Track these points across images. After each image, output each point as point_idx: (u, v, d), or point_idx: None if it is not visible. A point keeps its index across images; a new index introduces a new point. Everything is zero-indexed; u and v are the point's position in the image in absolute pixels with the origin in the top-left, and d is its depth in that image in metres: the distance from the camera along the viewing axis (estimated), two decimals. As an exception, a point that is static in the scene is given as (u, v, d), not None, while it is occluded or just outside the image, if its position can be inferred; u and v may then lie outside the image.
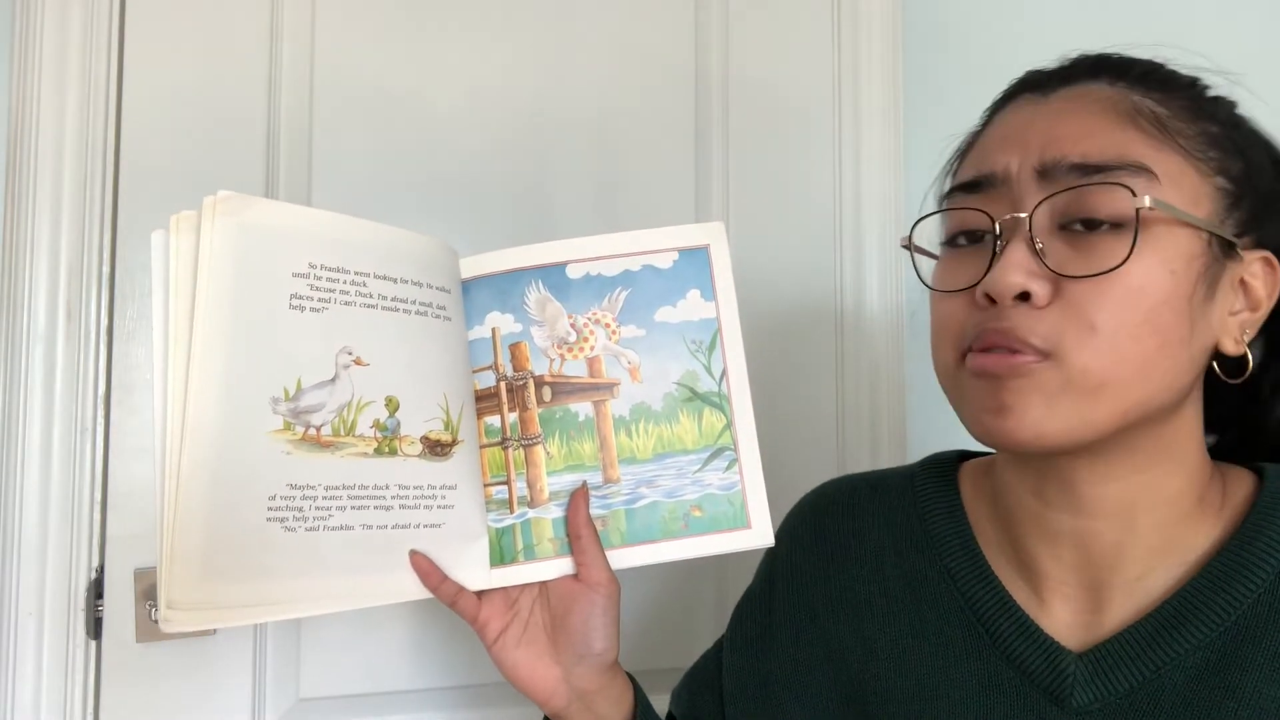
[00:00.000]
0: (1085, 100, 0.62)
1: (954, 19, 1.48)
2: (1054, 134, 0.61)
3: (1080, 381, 0.58)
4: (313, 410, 0.68)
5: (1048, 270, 0.59)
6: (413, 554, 0.72)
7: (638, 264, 0.78)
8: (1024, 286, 0.59)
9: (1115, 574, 0.64)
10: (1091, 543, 0.65)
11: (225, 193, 0.67)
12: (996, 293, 0.59)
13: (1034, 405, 0.58)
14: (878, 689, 0.71)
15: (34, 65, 1.13)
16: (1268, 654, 0.59)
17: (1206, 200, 0.60)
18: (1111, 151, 0.59)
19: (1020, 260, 0.59)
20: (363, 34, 1.23)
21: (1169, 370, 0.59)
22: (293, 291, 0.68)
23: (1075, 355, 0.58)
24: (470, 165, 1.26)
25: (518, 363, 0.77)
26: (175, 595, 0.63)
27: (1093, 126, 0.60)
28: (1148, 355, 0.58)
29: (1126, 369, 0.58)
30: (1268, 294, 0.63)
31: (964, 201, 0.65)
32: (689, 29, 1.36)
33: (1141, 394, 0.59)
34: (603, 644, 0.75)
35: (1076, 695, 0.63)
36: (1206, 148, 0.61)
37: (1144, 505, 0.63)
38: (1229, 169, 0.61)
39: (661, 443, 0.77)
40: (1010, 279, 0.59)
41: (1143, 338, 0.58)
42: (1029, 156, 0.61)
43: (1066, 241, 0.60)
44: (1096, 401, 0.58)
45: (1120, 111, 0.61)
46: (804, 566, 0.79)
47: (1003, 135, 0.65)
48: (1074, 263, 0.59)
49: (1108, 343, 0.57)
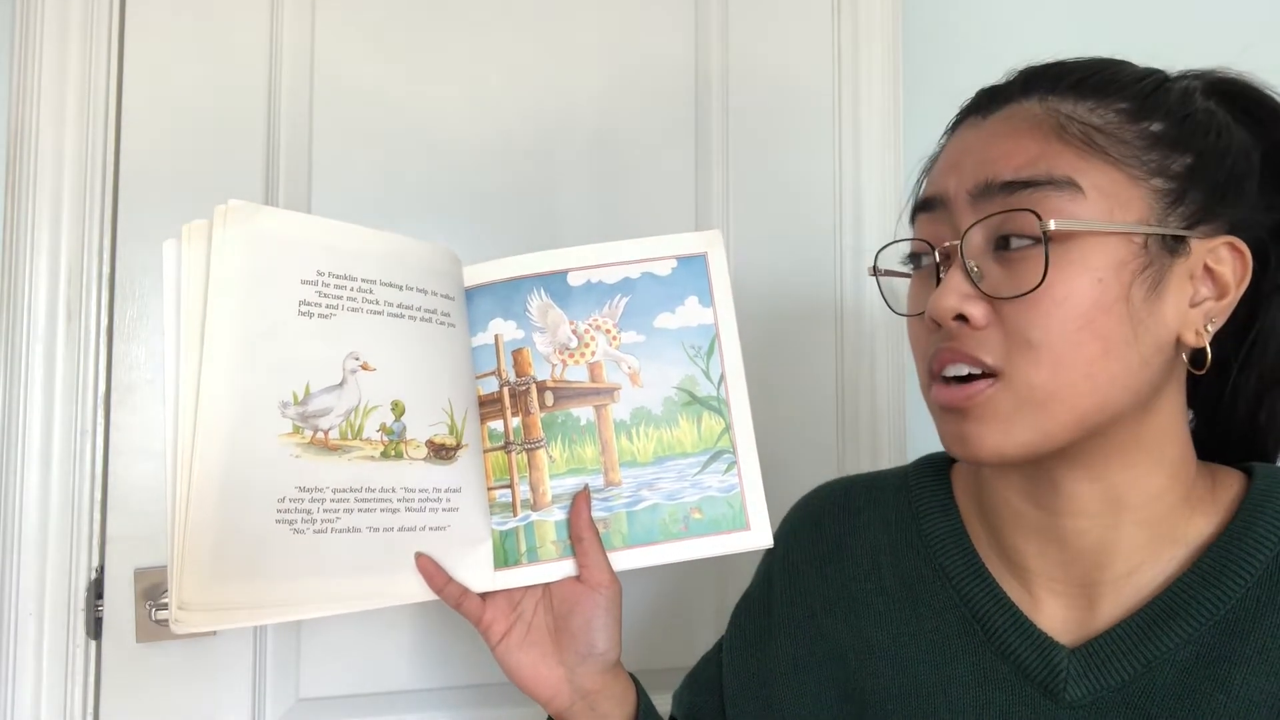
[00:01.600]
0: (1015, 119, 0.64)
1: (954, 19, 1.48)
2: (985, 156, 0.63)
3: (1029, 396, 0.60)
4: (321, 414, 0.70)
5: (980, 293, 0.62)
6: (418, 556, 0.73)
7: (637, 271, 0.79)
8: (958, 309, 0.62)
9: (1103, 571, 0.66)
10: (1076, 541, 0.66)
11: (236, 202, 0.68)
12: (936, 317, 0.63)
13: (991, 431, 0.62)
14: (875, 687, 0.72)
15: (34, 67, 1.13)
16: (1256, 647, 0.61)
17: (1139, 203, 0.61)
18: (1038, 167, 0.61)
19: (955, 285, 0.62)
20: (362, 37, 1.23)
21: (1119, 373, 0.61)
22: (301, 298, 0.69)
23: (1021, 371, 0.60)
24: (470, 169, 1.26)
25: (520, 368, 0.78)
26: (187, 596, 0.64)
27: (1019, 145, 0.62)
28: (1091, 361, 0.60)
29: (1071, 377, 0.60)
30: (1236, 279, 0.63)
31: (920, 224, 0.68)
32: (689, 29, 1.36)
33: (1093, 399, 0.61)
34: (605, 644, 0.76)
35: (1070, 689, 0.64)
36: (1143, 150, 0.62)
37: (1127, 502, 0.65)
38: (1169, 167, 0.62)
39: (661, 446, 0.78)
40: (945, 303, 0.62)
41: (1082, 344, 0.60)
42: (964, 180, 0.64)
43: (999, 262, 0.62)
44: (1048, 413, 0.60)
45: (1048, 128, 0.62)
46: (802, 567, 0.80)
47: (947, 159, 0.68)
48: (1005, 283, 0.61)
49: (1047, 355, 0.60)
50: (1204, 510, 0.66)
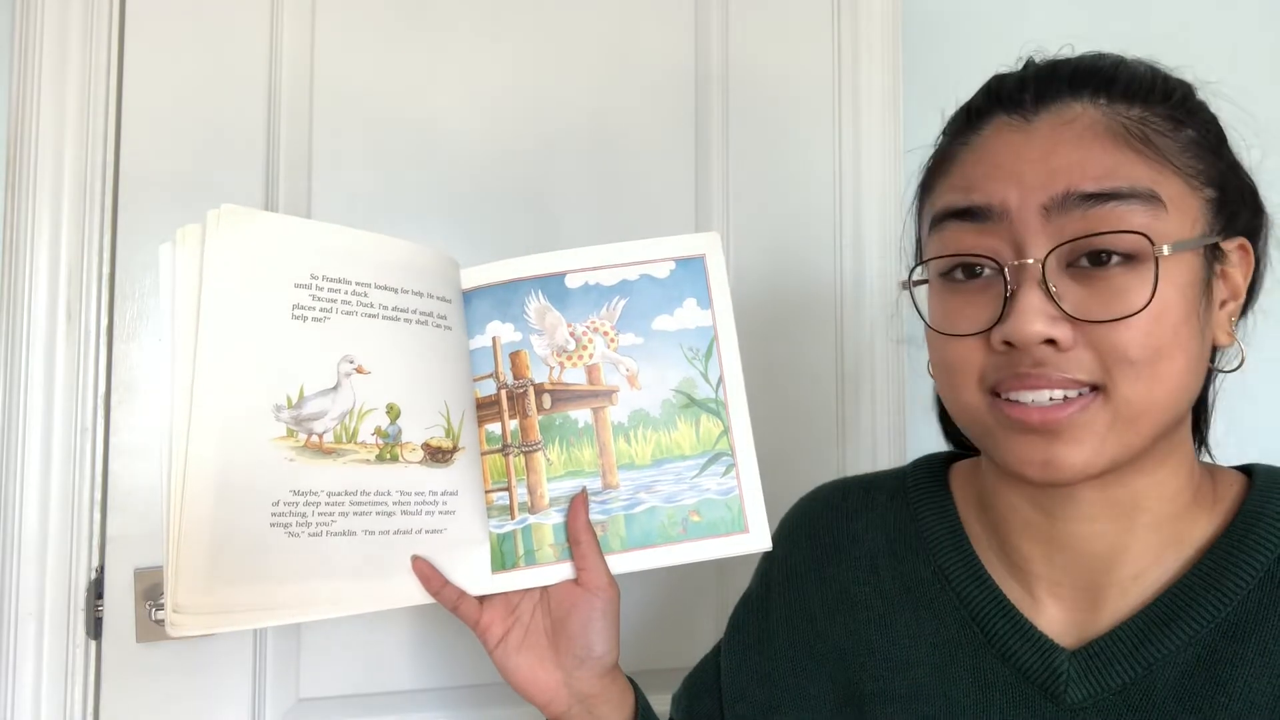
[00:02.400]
0: (1076, 125, 0.61)
1: (954, 16, 1.48)
2: (1052, 166, 0.60)
3: (1125, 412, 0.59)
4: (315, 418, 0.69)
5: (1065, 314, 0.59)
6: (414, 559, 0.73)
7: (635, 273, 0.79)
8: (1048, 334, 0.58)
9: (1112, 574, 0.65)
10: (1087, 546, 0.66)
11: (229, 206, 0.68)
12: (1020, 342, 0.59)
13: (1083, 451, 0.59)
14: (875, 690, 0.72)
15: (34, 67, 1.13)
16: (1257, 649, 0.60)
17: (1200, 215, 0.61)
18: (1118, 178, 0.59)
19: (1039, 306, 0.58)
20: (362, 37, 1.23)
21: (1193, 383, 0.61)
22: (295, 302, 0.69)
23: (1121, 385, 0.58)
24: (471, 171, 1.26)
25: (518, 371, 0.78)
26: (182, 600, 0.64)
27: (1091, 154, 0.59)
28: (1178, 374, 0.59)
29: (1166, 389, 0.59)
30: (1244, 278, 0.64)
31: (960, 234, 0.63)
32: (689, 30, 1.36)
33: (1174, 412, 0.61)
34: (603, 648, 0.76)
35: (1071, 692, 0.64)
36: (1193, 160, 0.61)
37: (1145, 505, 0.64)
38: (1214, 176, 0.62)
39: (660, 449, 0.78)
40: (1034, 328, 0.58)
41: (1174, 357, 0.59)
42: (1030, 192, 0.60)
43: (1075, 279, 0.59)
44: (1136, 428, 0.60)
45: (1115, 134, 0.60)
46: (800, 570, 0.80)
47: (993, 163, 0.63)
48: (1089, 304, 0.58)
49: (1147, 370, 0.58)
50: (1206, 511, 0.66)
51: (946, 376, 0.66)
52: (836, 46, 1.42)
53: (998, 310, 0.60)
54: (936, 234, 0.65)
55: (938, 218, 0.65)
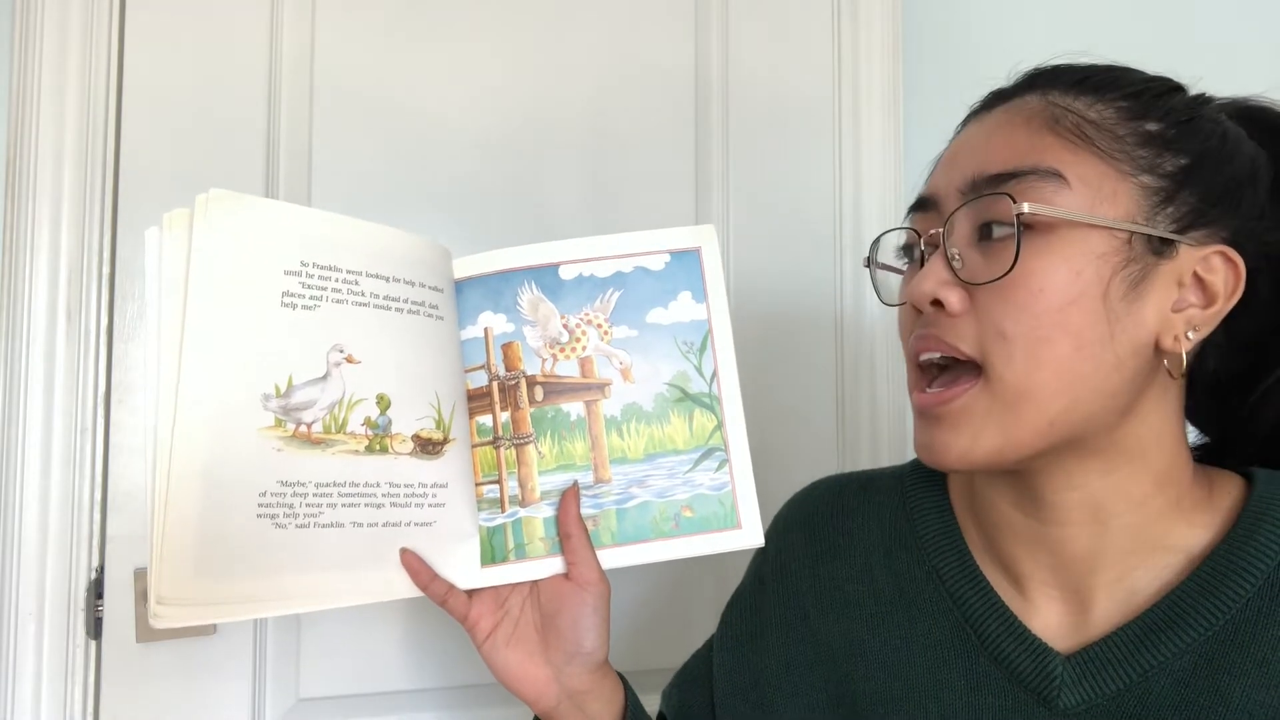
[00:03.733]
0: (1012, 114, 0.64)
1: (954, 19, 1.48)
2: (980, 152, 0.63)
3: (1003, 395, 0.60)
4: (304, 407, 0.69)
5: (958, 279, 0.62)
6: (403, 552, 0.72)
7: (630, 265, 0.78)
8: (934, 294, 0.62)
9: (1094, 576, 0.65)
10: (1065, 548, 0.65)
11: (217, 190, 0.67)
12: (914, 301, 0.64)
13: (960, 438, 0.62)
14: (867, 690, 0.71)
15: (34, 65, 1.13)
16: (1256, 659, 0.59)
17: (1125, 199, 0.60)
18: (1026, 159, 0.61)
19: (934, 270, 0.62)
20: (362, 36, 1.23)
21: (1091, 373, 0.59)
22: (284, 289, 0.69)
23: (995, 365, 0.60)
24: (470, 166, 1.26)
25: (510, 362, 0.77)
26: (165, 591, 0.63)
27: (1011, 139, 0.62)
28: (1062, 358, 0.59)
29: (1042, 375, 0.59)
30: (1227, 290, 0.61)
31: (911, 220, 0.69)
32: (689, 31, 1.36)
33: (1063, 400, 0.59)
34: (593, 643, 0.75)
35: (1064, 697, 0.63)
36: (1135, 147, 0.61)
37: (1112, 509, 0.63)
38: (1160, 165, 0.61)
39: (653, 443, 0.77)
40: (923, 287, 0.62)
41: (1054, 340, 0.59)
42: (955, 176, 0.64)
43: (981, 251, 0.62)
44: (1017, 415, 0.60)
45: (1041, 120, 0.62)
46: (793, 566, 0.79)
47: (946, 158, 0.67)
48: (983, 270, 0.61)
49: (1020, 349, 0.59)
50: (1199, 517, 0.64)
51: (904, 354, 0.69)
52: (837, 48, 1.42)
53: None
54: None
55: (908, 211, 0.70)
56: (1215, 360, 0.67)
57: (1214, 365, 0.67)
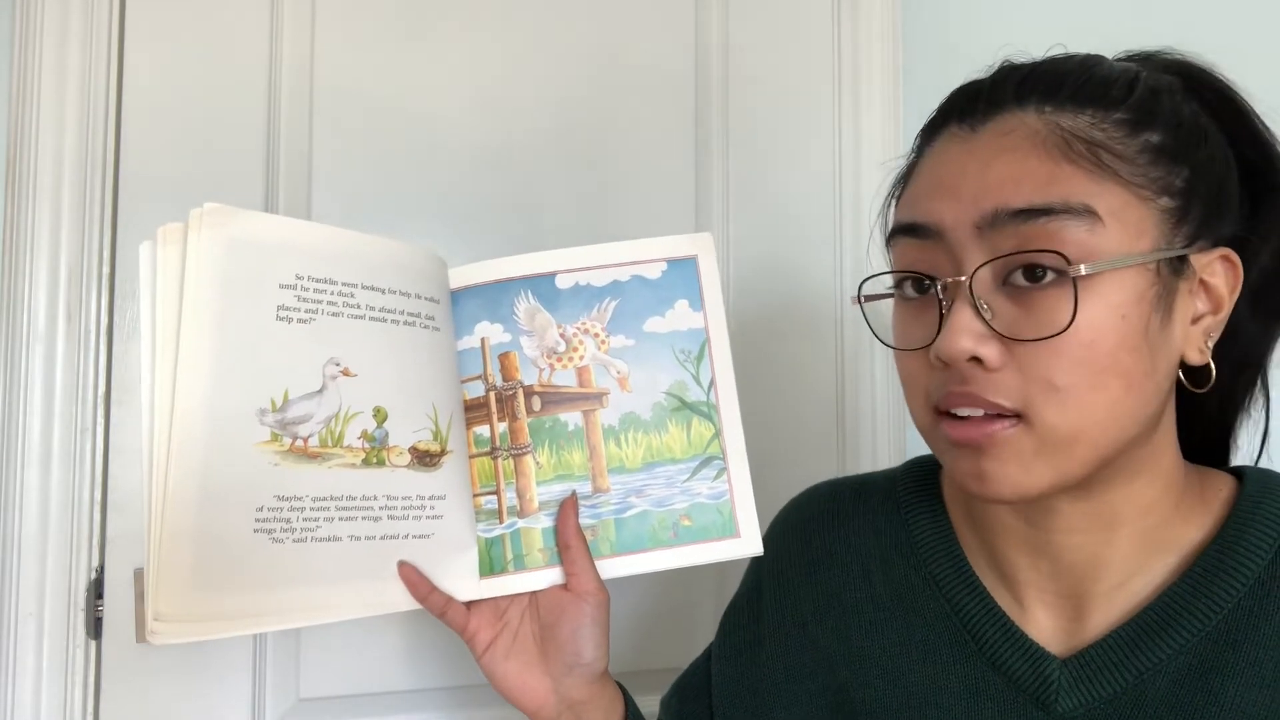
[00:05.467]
0: (1014, 137, 0.59)
1: (954, 19, 1.47)
2: (986, 181, 0.58)
3: (1052, 439, 0.57)
4: (300, 421, 0.69)
5: (995, 333, 0.58)
6: (401, 565, 0.72)
7: (626, 274, 0.78)
8: (973, 352, 0.58)
9: (1095, 583, 0.64)
10: (1068, 555, 0.65)
11: (211, 205, 0.67)
12: (948, 358, 0.59)
13: (1011, 471, 0.58)
14: (866, 698, 0.71)
15: (34, 66, 1.13)
16: (1249, 658, 0.59)
17: (1151, 228, 0.58)
18: (1051, 193, 0.57)
19: (966, 324, 0.58)
20: (363, 38, 1.23)
21: (1137, 407, 0.58)
22: (279, 303, 0.68)
23: (1043, 414, 0.57)
24: (470, 172, 1.25)
25: (507, 372, 0.77)
26: (163, 607, 0.63)
27: (1025, 167, 0.58)
28: (1115, 401, 0.57)
29: (1095, 418, 0.57)
30: (1229, 291, 0.61)
31: (907, 250, 0.63)
32: (689, 32, 1.35)
33: (1114, 436, 0.58)
34: (592, 654, 0.75)
35: (1061, 701, 0.63)
36: (1148, 167, 0.58)
37: (1122, 517, 0.63)
38: (1173, 184, 0.59)
39: (650, 452, 0.77)
40: (959, 345, 0.58)
41: (1107, 386, 0.57)
42: (964, 210, 0.59)
43: (1011, 298, 0.58)
44: (1071, 454, 0.58)
45: (1052, 146, 0.58)
46: (790, 574, 0.79)
47: (936, 179, 0.62)
48: (1020, 322, 0.57)
49: (1073, 399, 0.56)
50: (1194, 517, 0.65)
51: (904, 390, 0.66)
52: (836, 49, 1.41)
53: (936, 327, 0.60)
54: (892, 248, 0.66)
55: (892, 233, 0.65)
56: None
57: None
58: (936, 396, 0.61)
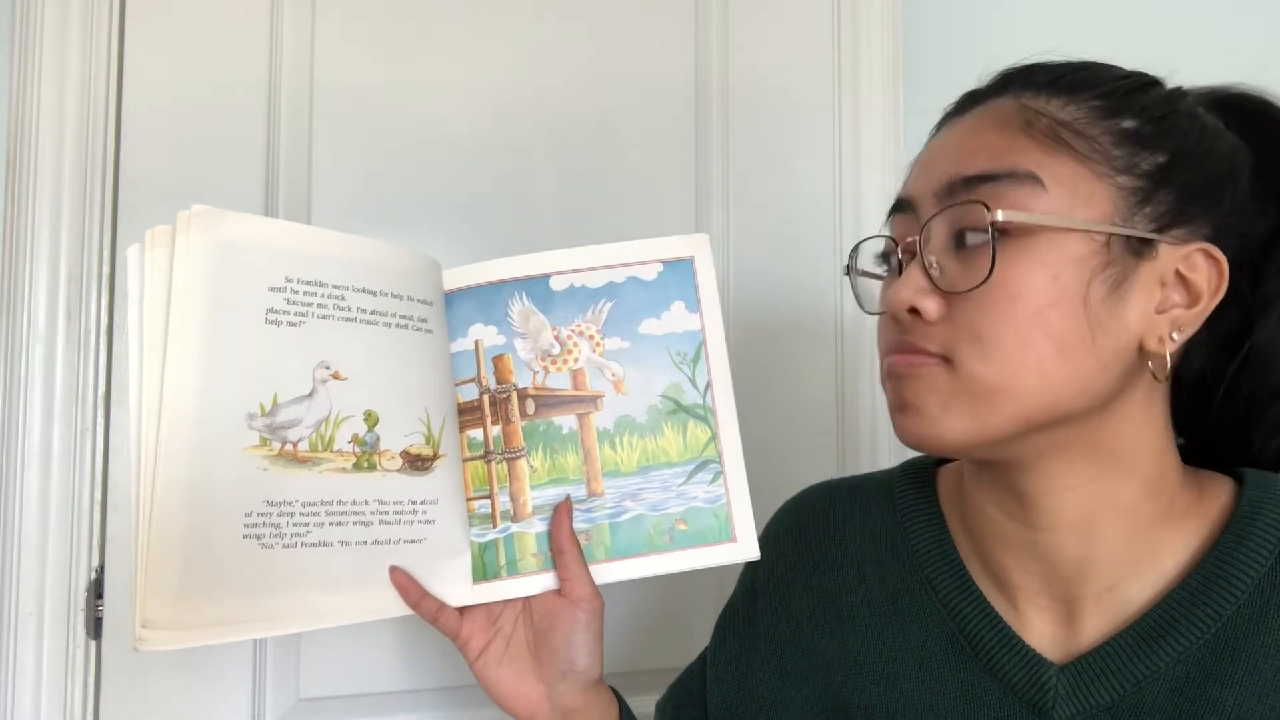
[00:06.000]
0: (986, 117, 0.63)
1: (954, 19, 1.47)
2: (955, 155, 0.63)
3: (973, 386, 0.59)
4: (289, 426, 0.68)
5: (935, 287, 0.61)
6: (392, 570, 0.71)
7: (622, 276, 0.77)
8: (911, 303, 0.61)
9: (1083, 586, 0.64)
10: (1054, 555, 0.64)
11: (200, 207, 0.66)
12: (890, 309, 0.63)
13: (930, 404, 0.61)
14: (862, 703, 0.71)
15: (34, 66, 1.13)
16: (1248, 667, 0.59)
17: (1102, 200, 0.59)
18: (1000, 162, 0.60)
19: (911, 279, 0.62)
20: (363, 38, 1.22)
21: (1072, 374, 0.58)
22: (269, 306, 0.68)
23: (967, 363, 0.59)
24: (470, 172, 1.25)
25: (501, 375, 0.77)
26: (151, 614, 0.63)
27: (986, 141, 0.61)
28: (1043, 359, 0.58)
29: (1021, 375, 0.58)
30: (1210, 288, 0.60)
31: (890, 225, 0.68)
32: (688, 33, 1.35)
33: (1044, 399, 0.59)
34: (586, 661, 0.74)
35: (1059, 708, 0.62)
36: (1111, 146, 0.60)
37: (1101, 516, 0.63)
38: (1137, 165, 0.60)
39: (646, 455, 0.76)
40: (899, 296, 0.61)
41: (1033, 342, 0.58)
42: (930, 182, 0.63)
43: (958, 259, 0.61)
44: (992, 407, 0.59)
45: (1015, 123, 0.61)
46: (786, 577, 0.78)
47: (919, 162, 0.67)
48: (957, 278, 0.60)
49: (997, 350, 0.58)
50: (1189, 523, 0.64)
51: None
52: (837, 49, 1.40)
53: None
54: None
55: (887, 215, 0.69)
56: (1200, 360, 0.66)
57: (1199, 365, 0.66)
58: (884, 351, 0.65)
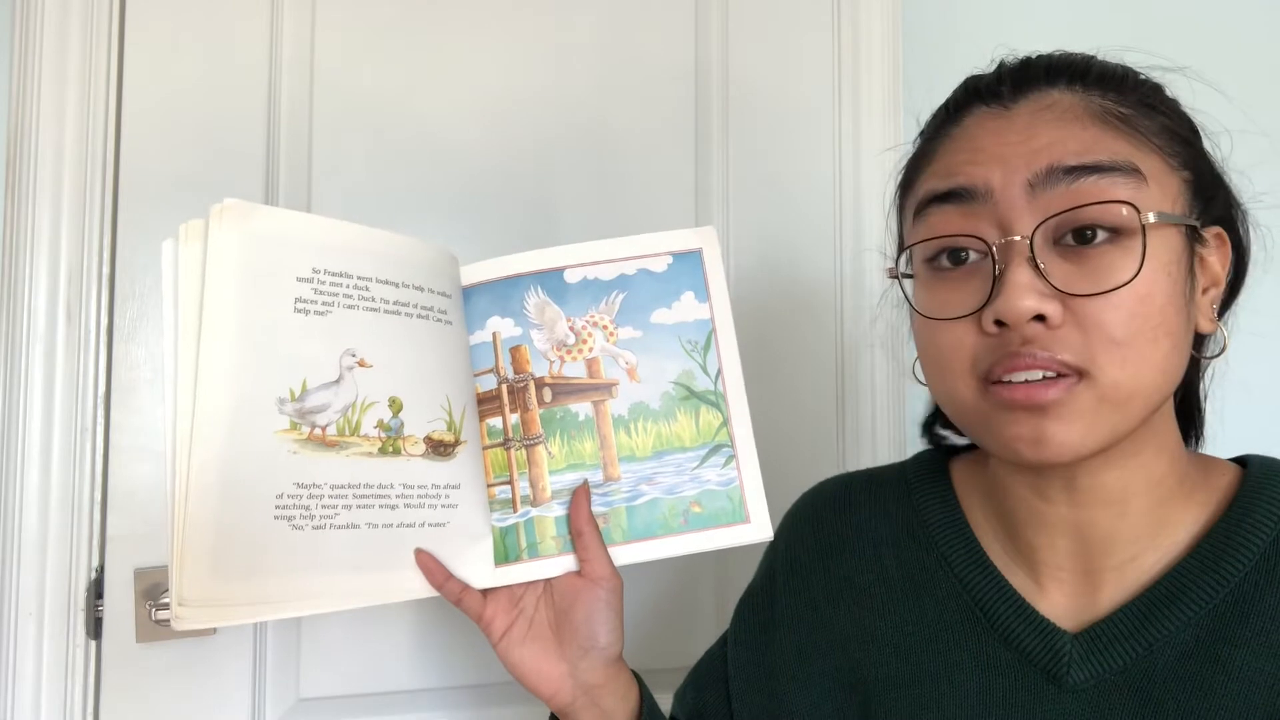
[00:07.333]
0: (1055, 107, 0.62)
1: (954, 18, 1.49)
2: (1033, 145, 0.60)
3: (1112, 395, 0.58)
4: (318, 410, 0.70)
5: (1055, 290, 0.58)
6: (418, 552, 0.73)
7: (633, 268, 0.80)
8: (1038, 309, 0.58)
9: (1108, 558, 0.66)
10: (1088, 532, 0.66)
11: (231, 200, 0.68)
12: (1011, 318, 0.58)
13: (1073, 430, 0.59)
14: (879, 675, 0.72)
15: (34, 66, 1.13)
16: (1255, 629, 0.61)
17: (1179, 195, 0.62)
18: (1099, 152, 0.59)
19: (1028, 283, 0.58)
20: (363, 37, 1.23)
21: (1178, 366, 0.61)
22: (297, 295, 0.69)
23: (1107, 371, 0.58)
24: (470, 171, 1.26)
25: (518, 365, 0.79)
26: (186, 593, 0.64)
27: (1070, 131, 0.60)
28: (1165, 357, 0.59)
29: (1151, 375, 0.59)
30: (1222, 267, 0.65)
31: (945, 218, 0.63)
32: (689, 30, 1.36)
33: (1162, 395, 0.61)
34: (607, 638, 0.76)
35: (1073, 673, 0.64)
36: (1169, 142, 0.62)
37: (1135, 490, 0.65)
38: (1187, 159, 0.63)
39: (660, 440, 0.78)
40: (1024, 303, 0.58)
41: (1159, 342, 0.59)
42: (1013, 170, 0.60)
43: (1063, 256, 0.59)
44: (1128, 411, 0.59)
45: (1092, 114, 0.61)
46: (803, 560, 0.80)
47: (975, 148, 0.63)
48: (1078, 279, 0.58)
49: (1134, 354, 0.58)
50: (1199, 497, 0.67)
51: (937, 366, 0.65)
52: (837, 48, 1.42)
53: (986, 292, 0.60)
54: (921, 221, 0.65)
55: (921, 204, 0.65)
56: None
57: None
58: (987, 363, 0.61)
